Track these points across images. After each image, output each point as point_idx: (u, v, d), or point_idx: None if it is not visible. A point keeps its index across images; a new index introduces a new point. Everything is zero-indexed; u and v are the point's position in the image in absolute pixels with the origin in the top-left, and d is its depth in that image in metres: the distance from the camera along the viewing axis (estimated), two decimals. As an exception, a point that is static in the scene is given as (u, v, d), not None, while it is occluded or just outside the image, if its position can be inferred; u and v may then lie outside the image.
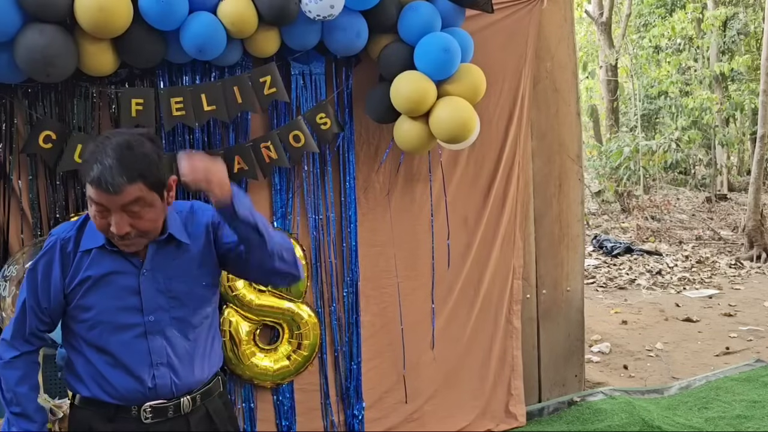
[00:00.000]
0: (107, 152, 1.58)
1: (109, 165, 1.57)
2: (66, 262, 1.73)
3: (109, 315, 1.73)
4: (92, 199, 1.62)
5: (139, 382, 1.75)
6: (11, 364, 1.77)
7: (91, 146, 1.64)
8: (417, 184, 3.31)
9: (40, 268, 1.74)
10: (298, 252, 3.00)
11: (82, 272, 1.72)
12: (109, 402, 1.76)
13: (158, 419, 1.77)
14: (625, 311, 6.18)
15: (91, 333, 1.75)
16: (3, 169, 2.69)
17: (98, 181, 1.57)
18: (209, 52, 2.60)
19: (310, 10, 2.61)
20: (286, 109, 3.00)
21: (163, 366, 1.76)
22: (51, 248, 1.74)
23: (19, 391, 1.76)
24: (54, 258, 1.73)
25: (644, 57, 14.35)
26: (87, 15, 2.35)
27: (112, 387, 1.75)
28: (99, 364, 1.75)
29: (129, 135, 1.65)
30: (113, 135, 1.65)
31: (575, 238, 3.81)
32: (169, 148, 2.84)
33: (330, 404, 3.23)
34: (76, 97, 2.72)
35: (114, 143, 1.60)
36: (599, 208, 11.99)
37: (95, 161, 1.58)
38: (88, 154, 1.62)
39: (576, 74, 3.75)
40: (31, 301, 1.76)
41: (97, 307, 1.73)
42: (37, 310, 1.76)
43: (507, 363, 3.56)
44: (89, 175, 1.59)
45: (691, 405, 3.90)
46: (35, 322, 1.77)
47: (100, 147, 1.60)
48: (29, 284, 1.76)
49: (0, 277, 2.43)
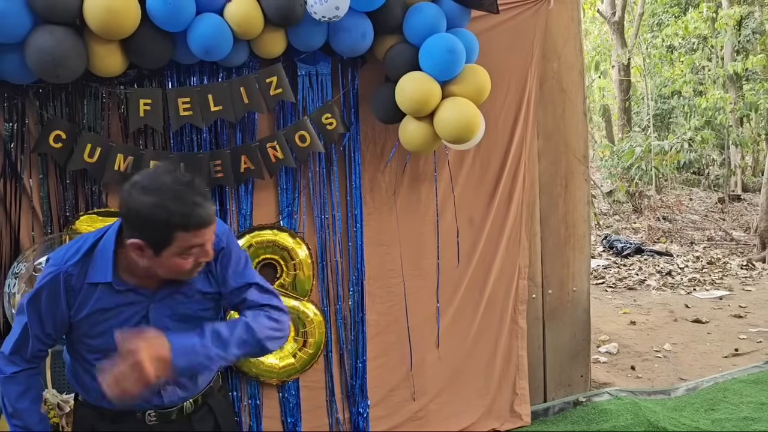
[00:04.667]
0: (185, 192, 1.55)
1: (200, 201, 1.56)
2: (71, 294, 1.69)
3: (116, 342, 1.70)
4: (193, 244, 1.58)
5: (146, 400, 1.76)
6: (13, 379, 1.75)
7: (155, 200, 1.54)
8: (423, 183, 3.32)
9: (43, 299, 1.68)
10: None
11: (90, 305, 1.69)
12: (113, 409, 1.77)
13: (162, 421, 1.80)
14: (634, 312, 6.16)
15: (96, 355, 1.73)
16: (14, 168, 2.73)
17: (206, 220, 1.57)
18: (216, 53, 2.64)
19: (315, 11, 2.63)
20: (292, 109, 3.03)
21: (170, 385, 1.79)
22: (54, 280, 1.68)
23: (20, 406, 1.75)
24: (59, 291, 1.68)
25: (657, 56, 14.26)
26: (96, 17, 2.39)
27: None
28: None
29: (170, 170, 1.60)
30: (164, 176, 1.58)
31: (581, 238, 3.81)
32: (177, 147, 2.88)
33: (335, 402, 3.26)
34: (85, 97, 2.76)
35: (178, 181, 1.57)
36: (610, 208, 11.93)
37: (190, 208, 1.55)
38: (171, 207, 1.53)
39: (583, 74, 3.74)
40: (35, 330, 1.71)
41: (104, 335, 1.71)
42: (41, 337, 1.73)
43: (512, 362, 3.57)
44: (194, 223, 1.55)
45: (697, 406, 3.89)
46: (38, 345, 1.74)
47: (177, 193, 1.54)
48: (32, 313, 1.70)
49: (10, 275, 2.48)
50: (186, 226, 1.55)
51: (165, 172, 1.59)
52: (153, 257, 1.60)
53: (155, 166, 1.64)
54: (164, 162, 1.66)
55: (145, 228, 1.56)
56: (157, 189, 1.55)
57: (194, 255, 1.62)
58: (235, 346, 1.70)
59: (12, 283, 2.43)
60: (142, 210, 1.54)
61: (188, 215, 1.55)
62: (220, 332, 1.69)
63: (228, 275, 1.80)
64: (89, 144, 2.70)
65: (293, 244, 3.05)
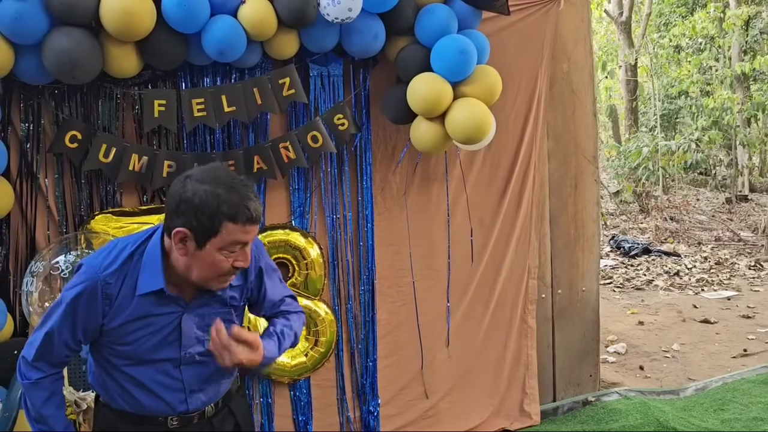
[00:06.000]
0: (241, 188, 1.58)
1: (252, 197, 1.59)
2: (107, 303, 1.66)
3: (146, 350, 1.71)
4: (237, 240, 1.59)
5: (170, 407, 1.77)
6: (38, 385, 1.73)
7: (209, 188, 1.56)
8: (433, 184, 3.34)
9: (80, 306, 1.66)
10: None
11: (126, 314, 1.67)
12: (136, 414, 1.78)
13: (183, 425, 1.81)
14: (642, 312, 6.17)
15: (124, 362, 1.73)
16: (30, 168, 2.77)
17: (254, 216, 1.59)
18: (230, 55, 2.66)
19: (328, 13, 2.66)
20: (304, 110, 3.05)
21: (195, 393, 1.80)
22: (92, 288, 1.65)
23: (46, 412, 1.73)
24: (96, 299, 1.65)
25: (664, 56, 14.23)
26: (112, 18, 2.42)
27: (141, 406, 1.76)
28: (130, 387, 1.75)
29: (223, 167, 1.64)
30: (218, 170, 1.61)
31: (591, 238, 3.82)
32: (191, 148, 2.91)
33: (346, 400, 3.28)
34: (100, 98, 2.79)
35: (232, 176, 1.60)
36: (617, 208, 11.91)
37: (242, 199, 1.57)
38: (224, 195, 1.55)
39: (593, 75, 3.75)
40: (65, 336, 1.69)
41: (135, 343, 1.70)
42: (70, 343, 1.71)
43: (522, 362, 3.58)
44: (243, 214, 1.56)
45: (707, 406, 3.90)
46: (65, 351, 1.72)
47: (231, 185, 1.57)
48: (65, 320, 1.67)
49: (27, 273, 2.50)
50: (235, 217, 1.56)
51: (219, 168, 1.62)
52: (195, 251, 1.60)
53: (207, 165, 1.65)
54: (214, 163, 1.68)
55: (195, 214, 1.55)
56: (212, 179, 1.57)
57: (234, 255, 1.62)
58: (284, 350, 1.85)
59: (29, 282, 2.46)
60: (194, 197, 1.55)
61: (239, 206, 1.56)
62: (282, 341, 1.84)
63: (266, 289, 1.88)
64: (104, 144, 2.73)
65: (305, 243, 3.07)
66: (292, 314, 1.94)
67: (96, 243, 2.59)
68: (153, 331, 1.70)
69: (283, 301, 1.95)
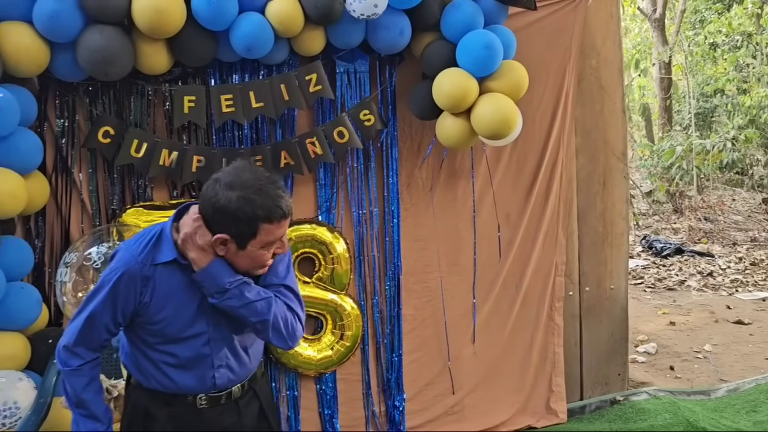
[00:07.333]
0: (270, 188, 1.66)
1: (281, 194, 1.67)
2: (143, 283, 1.75)
3: (176, 325, 1.80)
4: (276, 236, 1.69)
5: (200, 382, 1.85)
6: (78, 372, 1.81)
7: (241, 194, 1.64)
8: (459, 180, 3.35)
9: (121, 289, 1.74)
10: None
11: (156, 290, 1.76)
12: (167, 392, 1.86)
13: (212, 405, 1.87)
14: (674, 312, 6.06)
15: (156, 339, 1.81)
16: (65, 163, 2.85)
17: (287, 212, 1.68)
18: (257, 51, 2.70)
19: (354, 9, 2.68)
20: (331, 106, 3.08)
21: (222, 368, 1.87)
22: (130, 271, 1.74)
23: (85, 397, 1.82)
24: (135, 280, 1.74)
25: (699, 54, 13.95)
26: (144, 16, 2.48)
27: (173, 383, 1.84)
28: (161, 364, 1.83)
29: (248, 167, 1.70)
30: (245, 172, 1.68)
31: (619, 236, 3.78)
32: (220, 143, 2.96)
33: (371, 395, 3.30)
34: (132, 94, 2.86)
35: (259, 176, 1.67)
36: (650, 208, 11.72)
37: (274, 200, 1.65)
38: (257, 200, 1.63)
39: (622, 71, 3.71)
40: (106, 320, 1.77)
41: (166, 319, 1.79)
42: (110, 326, 1.79)
43: (548, 359, 3.57)
44: (278, 214, 1.66)
45: (738, 408, 3.82)
46: (105, 334, 1.81)
47: (260, 187, 1.65)
48: (105, 302, 1.75)
49: (62, 264, 2.58)
50: (270, 218, 1.66)
51: (245, 169, 1.70)
52: (236, 251, 1.71)
53: (232, 164, 1.73)
54: (239, 160, 1.75)
55: (233, 222, 1.66)
56: (241, 184, 1.65)
57: (274, 247, 1.74)
58: (246, 303, 1.76)
59: (64, 272, 2.53)
60: (228, 205, 1.64)
61: (271, 208, 1.65)
62: (250, 289, 1.78)
63: (269, 269, 1.86)
64: (136, 139, 2.80)
65: (332, 238, 3.10)
66: (280, 299, 1.86)
67: (127, 235, 2.65)
68: (181, 304, 1.79)
69: (281, 287, 1.88)
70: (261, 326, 1.80)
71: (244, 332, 1.89)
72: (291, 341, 1.86)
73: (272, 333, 1.82)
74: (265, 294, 1.80)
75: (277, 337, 1.83)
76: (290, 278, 1.92)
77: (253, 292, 1.78)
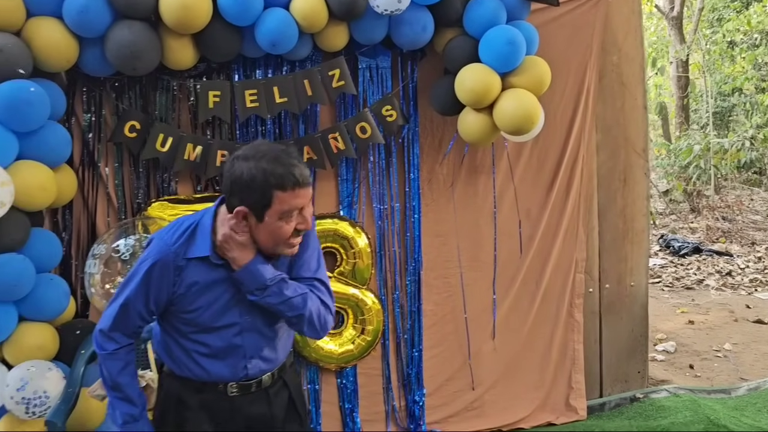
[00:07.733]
0: (284, 157, 1.67)
1: (296, 163, 1.68)
2: (177, 272, 1.77)
3: (209, 316, 1.81)
4: (292, 206, 1.68)
5: (232, 372, 1.87)
6: (114, 356, 1.84)
7: (254, 163, 1.66)
8: (480, 175, 3.35)
9: (154, 277, 1.77)
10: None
11: (189, 281, 1.78)
12: (198, 380, 1.88)
13: (242, 393, 1.90)
14: (692, 311, 6.03)
15: (189, 328, 1.84)
16: (92, 157, 2.89)
17: (301, 180, 1.67)
18: (282, 47, 2.73)
19: (377, 5, 2.70)
20: (353, 101, 3.10)
21: (254, 358, 1.89)
22: (164, 259, 1.76)
23: (121, 381, 1.85)
24: (169, 269, 1.76)
25: (717, 52, 13.83)
26: (171, 12, 2.52)
27: (205, 372, 1.86)
28: (194, 353, 1.85)
29: (266, 142, 1.78)
30: (261, 145, 1.72)
31: (640, 233, 3.77)
32: (243, 138, 2.99)
33: (392, 389, 3.32)
34: (158, 89, 2.90)
35: (274, 147, 1.71)
36: (667, 207, 11.65)
37: (287, 168, 1.66)
38: (268, 167, 1.65)
39: (643, 68, 3.70)
40: (139, 307, 1.80)
41: (199, 309, 1.81)
42: (144, 313, 1.82)
43: (568, 356, 3.56)
44: (290, 181, 1.65)
45: (759, 406, 3.80)
46: (138, 321, 1.84)
47: (274, 155, 1.67)
48: (138, 289, 1.78)
49: (90, 256, 2.62)
50: (283, 185, 1.66)
51: (262, 143, 1.74)
52: (257, 224, 1.72)
53: (251, 143, 1.75)
54: (257, 140, 1.79)
55: (247, 192, 1.67)
56: (255, 155, 1.68)
57: (293, 219, 1.72)
58: (284, 299, 1.79)
59: (92, 264, 2.57)
60: (242, 175, 1.66)
61: (285, 175, 1.65)
62: (288, 286, 1.81)
63: (301, 263, 1.89)
64: (161, 134, 2.83)
65: (353, 233, 3.12)
66: (314, 293, 1.88)
67: (152, 228, 2.69)
68: (213, 297, 1.80)
69: (313, 281, 1.91)
70: (296, 320, 1.83)
71: (276, 323, 1.91)
72: (322, 332, 1.89)
73: (306, 326, 1.84)
74: (301, 290, 1.82)
75: (310, 329, 1.85)
76: (321, 272, 1.94)
77: (290, 289, 1.80)
